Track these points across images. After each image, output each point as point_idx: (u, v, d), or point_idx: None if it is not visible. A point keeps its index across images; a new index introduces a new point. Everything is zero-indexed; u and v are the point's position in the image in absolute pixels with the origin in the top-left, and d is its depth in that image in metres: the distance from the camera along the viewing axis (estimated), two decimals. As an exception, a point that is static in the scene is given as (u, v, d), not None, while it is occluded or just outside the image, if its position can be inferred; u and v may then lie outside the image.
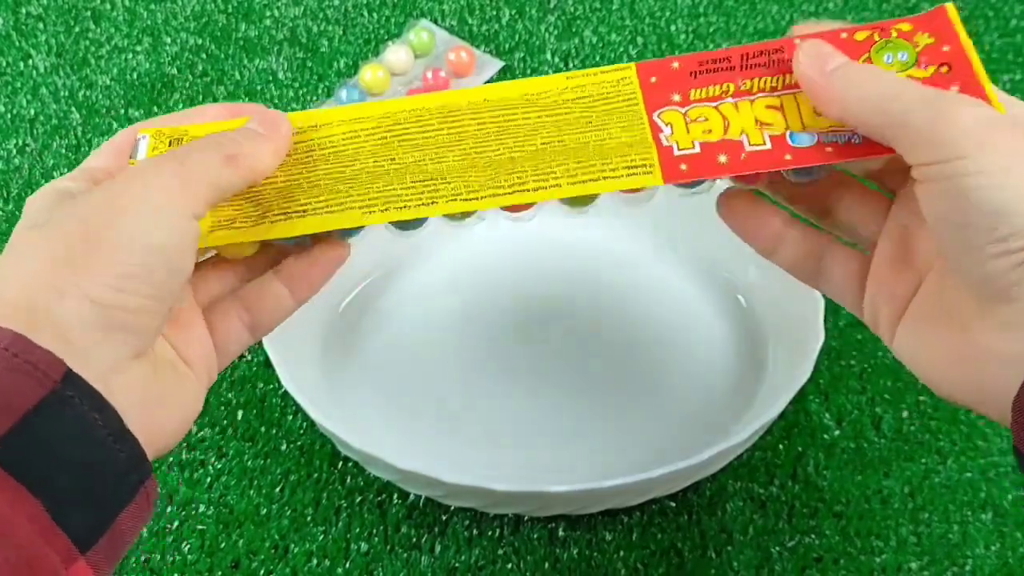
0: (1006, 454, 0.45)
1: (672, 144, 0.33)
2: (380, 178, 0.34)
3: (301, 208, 0.34)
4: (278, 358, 0.41)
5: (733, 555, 0.42)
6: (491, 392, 0.46)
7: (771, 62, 0.33)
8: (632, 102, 0.34)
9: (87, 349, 0.27)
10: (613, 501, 0.41)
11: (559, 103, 0.34)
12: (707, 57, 0.34)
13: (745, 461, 0.45)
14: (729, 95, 0.33)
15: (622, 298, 0.50)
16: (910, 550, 0.42)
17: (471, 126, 0.34)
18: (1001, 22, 0.64)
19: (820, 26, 0.34)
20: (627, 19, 0.65)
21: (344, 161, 0.35)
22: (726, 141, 0.32)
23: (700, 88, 0.33)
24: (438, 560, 0.42)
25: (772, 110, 0.33)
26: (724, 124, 0.33)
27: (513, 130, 0.34)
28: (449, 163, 0.34)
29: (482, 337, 0.48)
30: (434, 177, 0.34)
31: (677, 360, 0.47)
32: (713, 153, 0.32)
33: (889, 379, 0.48)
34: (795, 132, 0.32)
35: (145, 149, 0.35)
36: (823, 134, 0.32)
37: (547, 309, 0.49)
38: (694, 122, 0.33)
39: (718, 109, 0.33)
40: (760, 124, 0.33)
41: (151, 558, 0.42)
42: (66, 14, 0.66)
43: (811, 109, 0.32)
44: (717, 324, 0.48)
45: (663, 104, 0.34)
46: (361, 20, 0.65)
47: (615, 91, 0.34)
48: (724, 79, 0.34)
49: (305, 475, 0.45)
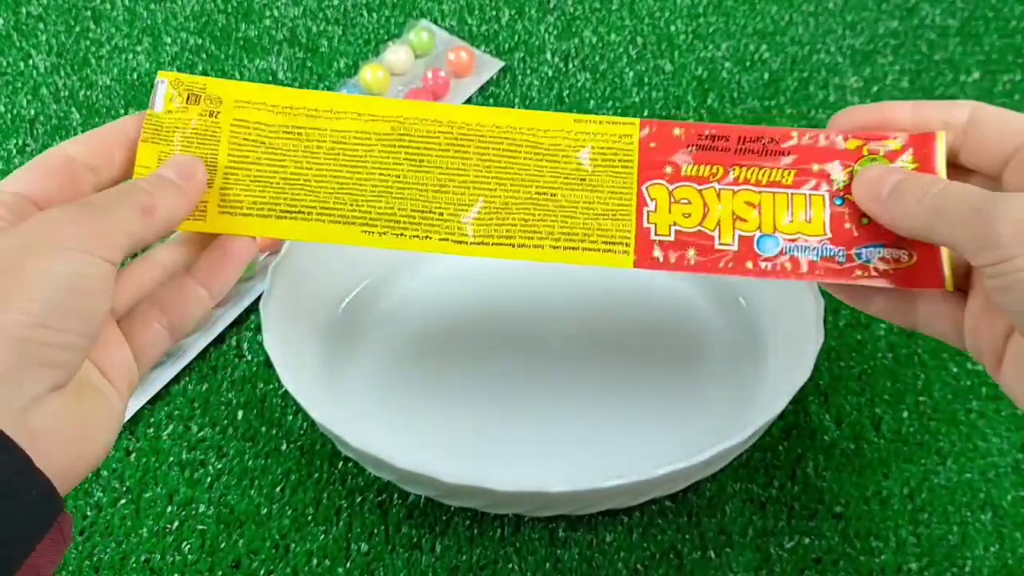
0: (1005, 455, 0.45)
1: (652, 225, 0.35)
2: (383, 197, 0.36)
3: (306, 208, 0.36)
4: (278, 358, 0.41)
5: (733, 556, 0.42)
6: (492, 392, 0.46)
7: (764, 151, 0.36)
8: (628, 165, 0.36)
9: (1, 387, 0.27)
10: (613, 501, 0.41)
11: (561, 148, 0.36)
12: (707, 130, 0.36)
13: (745, 462, 0.45)
14: (716, 179, 0.36)
15: (622, 298, 0.50)
16: (909, 551, 0.42)
17: (475, 155, 0.36)
18: (1001, 22, 0.64)
19: (851, 117, 0.36)
20: (627, 19, 0.65)
21: (352, 163, 0.36)
22: (701, 232, 0.35)
23: (692, 166, 0.36)
24: (439, 560, 0.42)
25: (749, 207, 0.35)
26: (703, 211, 0.35)
27: (514, 170, 0.36)
28: (449, 194, 0.36)
29: (483, 337, 0.48)
30: (432, 210, 0.35)
31: (677, 360, 0.47)
32: (685, 245, 0.35)
33: (889, 380, 0.48)
34: (764, 235, 0.35)
35: (163, 98, 0.36)
36: (787, 240, 0.35)
37: (547, 309, 0.49)
38: (677, 203, 0.36)
39: (702, 194, 0.36)
40: (735, 219, 0.35)
41: (151, 558, 0.43)
42: (66, 14, 0.66)
43: (784, 212, 0.35)
44: (717, 324, 0.48)
45: (655, 176, 0.36)
46: (361, 20, 0.65)
47: (614, 148, 0.36)
48: (717, 160, 0.36)
49: (305, 475, 0.45)
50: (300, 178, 0.36)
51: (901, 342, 0.49)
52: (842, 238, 0.35)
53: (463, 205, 0.35)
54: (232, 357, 0.49)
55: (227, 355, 0.49)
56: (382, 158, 0.36)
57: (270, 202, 0.35)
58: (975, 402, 0.47)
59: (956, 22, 0.64)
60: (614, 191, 0.36)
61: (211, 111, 0.36)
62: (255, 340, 0.50)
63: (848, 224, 0.35)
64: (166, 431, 0.46)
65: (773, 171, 0.35)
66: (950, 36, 0.63)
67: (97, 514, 0.44)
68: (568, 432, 0.45)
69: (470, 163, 0.36)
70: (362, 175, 0.36)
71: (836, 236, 0.35)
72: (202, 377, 0.48)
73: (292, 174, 0.36)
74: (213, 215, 0.35)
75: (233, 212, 0.35)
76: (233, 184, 0.35)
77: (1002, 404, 0.47)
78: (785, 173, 0.35)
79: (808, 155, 0.35)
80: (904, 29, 0.64)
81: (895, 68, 0.61)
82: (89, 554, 0.43)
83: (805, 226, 0.35)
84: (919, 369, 0.48)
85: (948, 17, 0.64)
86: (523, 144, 0.36)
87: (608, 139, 0.36)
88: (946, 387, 0.47)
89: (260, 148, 0.36)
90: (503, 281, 0.50)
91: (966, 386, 0.47)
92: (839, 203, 0.35)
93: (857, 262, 0.34)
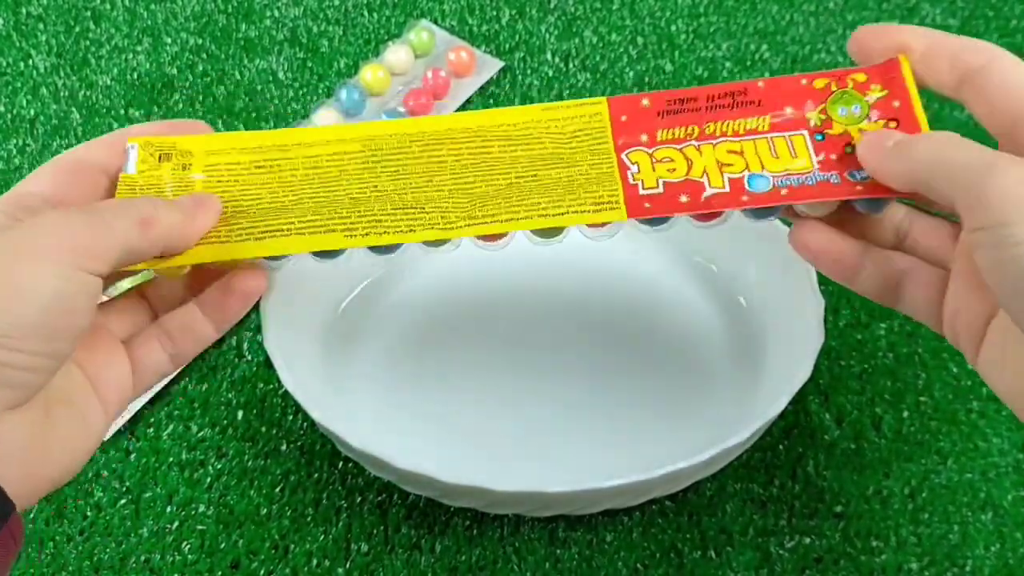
0: (1006, 455, 0.45)
1: (638, 182, 0.35)
2: (362, 203, 0.35)
3: (284, 226, 0.35)
4: (278, 358, 0.41)
5: (733, 556, 0.42)
6: (491, 391, 0.46)
7: (735, 103, 0.36)
8: (602, 140, 0.36)
9: None
10: (613, 501, 0.41)
11: (534, 136, 0.36)
12: (674, 96, 0.36)
13: (745, 461, 0.45)
14: (694, 138, 0.35)
15: (622, 298, 0.50)
16: (910, 551, 0.42)
17: (449, 157, 0.36)
18: (1001, 22, 0.64)
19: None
20: (627, 19, 0.65)
21: (328, 182, 0.36)
22: (689, 181, 0.35)
23: (667, 129, 0.36)
24: (439, 560, 0.42)
25: (732, 154, 0.35)
26: (688, 165, 0.35)
27: (490, 163, 0.36)
28: (428, 193, 0.35)
29: (483, 336, 0.48)
30: (413, 206, 0.35)
31: (677, 360, 0.47)
32: (676, 193, 0.34)
33: (889, 380, 0.48)
34: (753, 174, 0.34)
35: (135, 162, 0.35)
36: (778, 177, 0.34)
37: (547, 309, 0.49)
38: (659, 162, 0.35)
39: (683, 152, 0.35)
40: (721, 165, 0.35)
41: (151, 558, 0.43)
42: (66, 14, 0.66)
43: (768, 154, 0.35)
44: (717, 324, 0.48)
45: (631, 144, 0.36)
46: (361, 20, 0.65)
47: (587, 127, 0.36)
48: (690, 120, 0.36)
49: (305, 475, 0.45)
50: (277, 204, 0.35)
51: (901, 342, 0.49)
52: (831, 166, 0.34)
53: (444, 199, 0.35)
54: (232, 357, 0.49)
55: (227, 355, 0.49)
56: (357, 173, 0.36)
57: (247, 228, 0.35)
58: (975, 402, 0.47)
59: (956, 22, 0.64)
60: (594, 164, 0.35)
61: (183, 164, 0.36)
62: (255, 340, 0.50)
63: (834, 155, 0.35)
64: (166, 431, 0.46)
65: (748, 120, 0.35)
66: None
67: (97, 514, 0.44)
68: (568, 432, 0.45)
69: (446, 165, 0.36)
70: (339, 192, 0.35)
71: (825, 164, 0.35)
72: (202, 377, 0.48)
73: (268, 203, 0.35)
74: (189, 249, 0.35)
75: (211, 242, 0.34)
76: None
77: (1003, 404, 0.46)
78: (760, 121, 0.35)
79: (778, 100, 0.35)
80: (904, 29, 0.64)
81: (895, 68, 0.61)
82: (89, 554, 0.43)
83: (792, 162, 0.35)
84: (919, 369, 0.48)
85: (948, 17, 0.64)
86: (495, 140, 0.36)
87: (579, 120, 0.36)
88: (946, 387, 0.47)
89: (235, 186, 0.36)
90: (503, 282, 0.50)
91: (966, 386, 0.47)
92: (820, 139, 0.35)
93: (853, 180, 0.34)
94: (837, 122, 0.35)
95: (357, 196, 0.35)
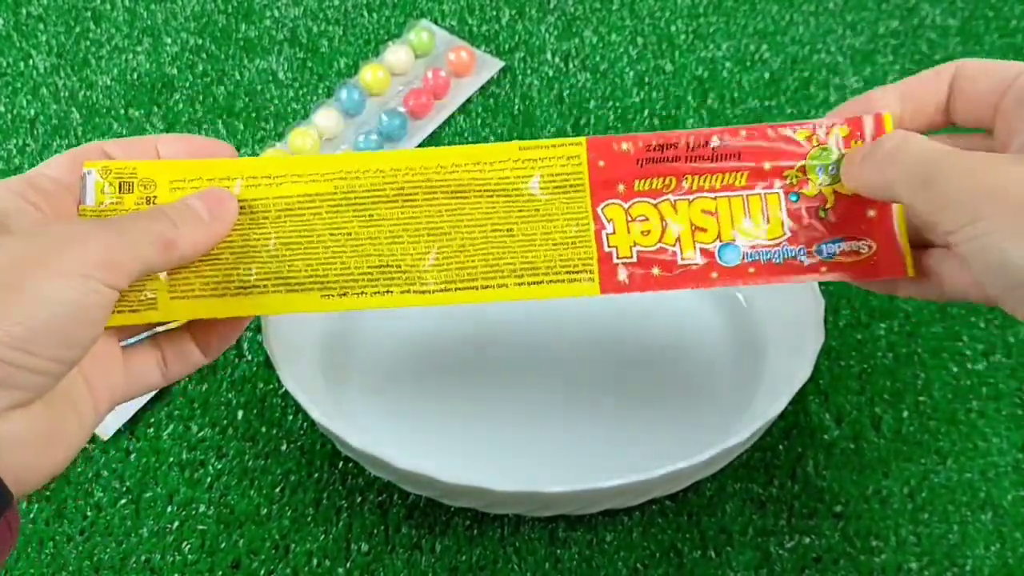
0: (1005, 454, 0.45)
1: (613, 249, 0.35)
2: (338, 256, 0.35)
3: (260, 281, 0.35)
4: (278, 358, 0.41)
5: (733, 555, 0.42)
6: (491, 391, 0.46)
7: (714, 155, 0.35)
8: (579, 188, 0.36)
9: None
10: (613, 501, 0.41)
11: (510, 181, 0.36)
12: (653, 141, 0.36)
13: (745, 461, 0.45)
14: (670, 190, 0.36)
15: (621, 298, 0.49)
16: (910, 550, 0.42)
17: (424, 204, 0.36)
18: (1001, 22, 0.64)
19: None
20: (627, 19, 0.65)
21: (301, 229, 0.35)
22: (662, 249, 0.35)
23: (644, 179, 0.36)
24: (439, 560, 0.42)
25: (707, 215, 0.35)
26: (662, 228, 0.35)
27: (466, 211, 0.36)
28: (404, 244, 0.35)
29: (482, 336, 0.48)
30: (389, 264, 0.35)
31: (677, 360, 0.47)
32: (649, 264, 0.35)
33: (889, 380, 0.48)
34: (725, 244, 0.35)
35: (93, 190, 0.34)
36: (747, 248, 0.35)
37: (547, 309, 0.49)
38: (634, 221, 0.35)
39: (658, 208, 0.35)
40: (695, 230, 0.35)
41: (151, 558, 0.43)
42: (66, 14, 0.66)
43: (742, 216, 0.35)
44: (717, 324, 0.48)
45: (608, 196, 0.36)
46: (361, 20, 0.65)
47: (563, 173, 0.36)
48: (668, 172, 0.36)
49: (306, 475, 0.45)
50: (249, 251, 0.35)
51: (901, 342, 0.49)
52: (801, 237, 0.35)
53: (420, 254, 0.35)
54: (232, 357, 0.49)
55: (227, 355, 0.49)
56: (330, 219, 0.35)
57: (223, 280, 0.34)
58: (975, 402, 0.47)
59: (956, 22, 0.64)
60: (569, 218, 0.35)
61: (147, 198, 0.35)
62: (255, 340, 0.50)
63: (807, 220, 0.35)
64: (166, 431, 0.46)
65: (726, 175, 0.35)
66: (950, 36, 0.63)
67: (97, 514, 0.44)
68: (568, 432, 0.45)
69: (421, 211, 0.35)
70: (312, 239, 0.35)
71: (795, 235, 0.35)
72: (202, 377, 0.48)
73: (240, 248, 0.35)
74: (164, 302, 0.34)
75: (185, 296, 0.34)
76: (181, 268, 0.34)
77: (1002, 404, 0.47)
78: (738, 176, 0.35)
79: (758, 154, 0.35)
80: (904, 29, 0.64)
81: (895, 68, 0.61)
82: (89, 554, 0.43)
83: (764, 228, 0.35)
84: (919, 369, 0.48)
85: (948, 17, 0.64)
86: (471, 184, 0.35)
87: (555, 163, 0.36)
88: (946, 387, 0.47)
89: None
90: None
91: (966, 386, 0.47)
92: (794, 199, 0.35)
93: (819, 258, 0.35)
94: (813, 182, 0.35)
95: (331, 246, 0.35)
